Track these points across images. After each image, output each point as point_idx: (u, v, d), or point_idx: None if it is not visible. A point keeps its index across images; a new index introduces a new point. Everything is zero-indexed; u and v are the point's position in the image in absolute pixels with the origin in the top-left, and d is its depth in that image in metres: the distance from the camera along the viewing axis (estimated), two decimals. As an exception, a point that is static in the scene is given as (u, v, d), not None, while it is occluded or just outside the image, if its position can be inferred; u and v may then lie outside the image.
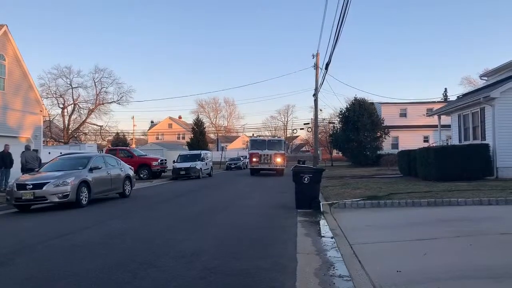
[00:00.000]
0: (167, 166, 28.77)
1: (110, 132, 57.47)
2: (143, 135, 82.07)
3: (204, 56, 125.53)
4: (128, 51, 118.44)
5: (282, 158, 27.84)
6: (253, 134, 33.07)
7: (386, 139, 38.43)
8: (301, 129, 66.72)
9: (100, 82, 53.30)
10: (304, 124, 59.87)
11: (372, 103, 39.97)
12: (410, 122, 40.13)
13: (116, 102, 54.50)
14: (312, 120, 45.20)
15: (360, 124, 36.30)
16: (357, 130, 36.46)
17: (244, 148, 58.49)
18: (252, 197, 14.27)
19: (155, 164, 26.40)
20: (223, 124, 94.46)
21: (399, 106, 41.74)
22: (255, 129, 77.26)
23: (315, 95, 33.75)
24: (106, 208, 12.08)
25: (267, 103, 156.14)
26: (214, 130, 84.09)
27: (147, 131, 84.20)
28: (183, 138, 74.49)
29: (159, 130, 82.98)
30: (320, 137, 47.82)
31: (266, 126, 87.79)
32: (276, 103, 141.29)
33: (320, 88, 33.21)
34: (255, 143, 28.71)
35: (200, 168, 27.19)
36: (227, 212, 10.42)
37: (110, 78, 53.93)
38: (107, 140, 58.95)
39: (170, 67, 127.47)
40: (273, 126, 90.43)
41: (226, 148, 72.68)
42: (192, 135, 53.55)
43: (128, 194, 14.85)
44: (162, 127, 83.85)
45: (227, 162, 45.81)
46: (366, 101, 39.04)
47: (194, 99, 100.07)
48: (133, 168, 16.90)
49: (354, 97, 39.39)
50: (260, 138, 30.88)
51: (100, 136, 57.30)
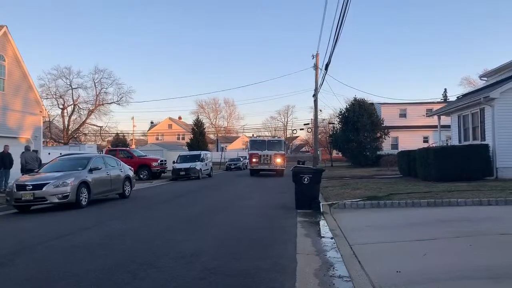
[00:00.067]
0: (167, 166, 28.76)
1: (110, 133, 57.53)
2: (143, 135, 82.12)
3: (204, 56, 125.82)
4: (128, 51, 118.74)
5: (282, 158, 27.62)
6: (253, 135, 32.89)
7: (386, 139, 38.44)
8: (301, 129, 66.82)
9: (100, 83, 53.33)
10: (304, 124, 59.91)
11: (372, 104, 39.98)
12: (410, 123, 40.16)
13: (116, 103, 54.54)
14: (312, 120, 45.26)
15: (360, 125, 36.32)
16: (356, 130, 36.46)
17: (244, 148, 58.46)
18: (252, 197, 14.27)
19: (155, 164, 26.40)
20: (223, 125, 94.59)
21: (399, 107, 41.78)
22: (255, 129, 77.48)
23: (315, 96, 33.76)
24: (106, 208, 12.08)
25: (267, 104, 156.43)
26: (214, 130, 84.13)
27: (147, 131, 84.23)
28: (183, 139, 74.48)
29: (159, 130, 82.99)
30: (320, 137, 47.83)
31: (266, 127, 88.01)
32: (276, 103, 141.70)
33: (320, 88, 33.24)
34: (255, 144, 28.40)
35: (200, 168, 27.20)
36: (227, 213, 10.42)
37: (110, 79, 53.95)
38: (107, 140, 58.95)
39: (170, 67, 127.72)
40: (273, 126, 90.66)
41: (226, 148, 72.68)
42: (192, 136, 53.58)
43: (128, 194, 14.85)
44: (162, 128, 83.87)
45: (227, 162, 45.81)
46: (366, 101, 39.06)
47: (194, 100, 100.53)
48: (133, 169, 16.90)
49: (354, 97, 39.44)
50: (259, 138, 30.51)
51: (100, 136, 57.32)
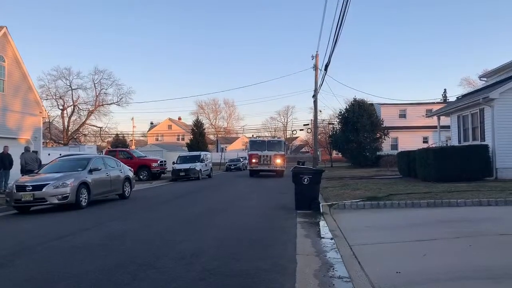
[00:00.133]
0: (166, 167, 28.75)
1: (109, 134, 57.47)
2: (142, 136, 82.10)
3: (203, 57, 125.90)
4: (128, 52, 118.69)
5: (282, 159, 27.49)
6: (252, 135, 32.78)
7: (385, 140, 38.43)
8: (300, 130, 66.67)
9: (99, 84, 53.35)
10: (304, 125, 59.79)
11: (372, 104, 39.97)
12: (410, 123, 40.16)
13: (115, 104, 54.57)
14: (312, 121, 45.24)
15: (360, 125, 36.31)
16: (356, 131, 36.46)
17: (243, 149, 58.54)
18: (252, 198, 14.27)
19: (154, 165, 26.40)
20: (223, 125, 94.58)
21: (399, 107, 41.76)
22: (255, 130, 77.49)
23: (315, 96, 33.74)
24: (105, 209, 12.08)
25: (267, 104, 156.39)
26: (213, 131, 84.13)
27: (147, 132, 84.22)
28: (183, 139, 74.48)
29: (158, 131, 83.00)
30: (319, 138, 47.82)
31: (265, 127, 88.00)
32: (275, 104, 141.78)
33: (320, 89, 33.24)
34: (255, 144, 28.23)
35: (200, 169, 27.18)
36: (227, 213, 10.42)
37: (109, 80, 53.99)
38: (106, 141, 58.88)
39: (169, 68, 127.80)
40: (272, 127, 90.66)
41: (225, 149, 72.64)
42: (191, 136, 53.54)
43: (128, 195, 14.85)
44: (161, 128, 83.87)
45: (226, 163, 45.80)
46: (366, 102, 39.03)
47: (194, 100, 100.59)
48: (132, 170, 16.89)
49: (354, 98, 39.37)
50: (259, 139, 30.20)
51: (99, 137, 57.29)
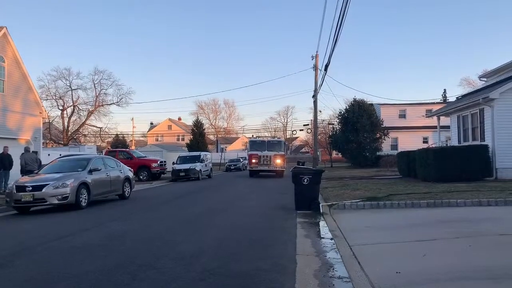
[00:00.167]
0: (166, 167, 28.75)
1: (109, 134, 57.47)
2: (142, 136, 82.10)
3: (203, 57, 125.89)
4: (128, 52, 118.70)
5: (282, 159, 27.37)
6: (252, 135, 32.72)
7: (385, 140, 38.43)
8: (300, 130, 66.67)
9: (99, 84, 53.38)
10: (304, 125, 59.82)
11: (371, 104, 39.97)
12: (410, 123, 40.17)
13: (115, 104, 54.60)
14: (312, 121, 45.25)
15: (360, 125, 36.31)
16: (356, 131, 36.46)
17: (243, 149, 58.53)
18: (252, 198, 14.27)
19: (154, 165, 26.39)
20: (223, 126, 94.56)
21: (398, 107, 41.77)
22: (255, 130, 77.42)
23: (314, 97, 33.75)
24: (105, 210, 12.08)
25: (267, 105, 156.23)
26: (213, 131, 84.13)
27: (147, 132, 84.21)
28: (183, 140, 74.50)
29: (158, 131, 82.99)
30: (319, 138, 47.82)
31: (265, 128, 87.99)
32: (275, 104, 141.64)
33: (320, 89, 33.25)
34: (255, 144, 28.09)
35: (200, 169, 27.17)
36: (227, 214, 10.42)
37: (109, 80, 54.03)
38: (106, 141, 58.89)
39: (169, 68, 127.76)
40: (272, 127, 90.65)
41: (225, 149, 72.63)
42: (191, 137, 53.54)
43: (128, 195, 14.85)
44: (161, 129, 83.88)
45: (226, 163, 45.80)
46: (365, 102, 39.02)
47: (194, 101, 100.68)
48: (132, 170, 16.89)
49: (353, 98, 39.34)
50: (259, 139, 29.95)
51: (99, 137, 57.29)
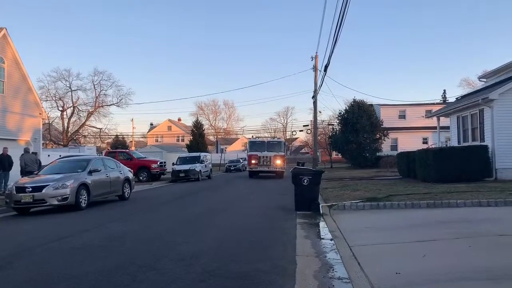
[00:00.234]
0: (166, 168, 28.73)
1: (109, 135, 57.49)
2: (142, 137, 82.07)
3: (203, 58, 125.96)
4: (128, 53, 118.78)
5: (282, 160, 27.25)
6: (252, 136, 32.66)
7: (385, 140, 38.42)
8: (300, 131, 66.58)
9: (99, 85, 53.40)
10: (304, 126, 59.89)
11: (371, 105, 39.97)
12: (409, 124, 40.16)
13: (115, 105, 54.62)
14: (312, 122, 45.27)
15: (359, 126, 36.31)
16: (356, 132, 36.46)
17: (243, 150, 58.53)
18: (252, 199, 14.27)
19: (154, 166, 26.39)
20: (223, 126, 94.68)
21: (398, 108, 41.75)
22: (255, 131, 77.27)
23: (314, 97, 33.78)
24: (105, 210, 12.07)
25: (267, 105, 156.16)
26: (213, 132, 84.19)
27: (147, 133, 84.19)
28: (183, 141, 74.49)
29: (158, 132, 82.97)
30: (319, 139, 47.84)
31: (265, 128, 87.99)
32: (275, 105, 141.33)
33: (319, 90, 33.29)
34: (254, 145, 27.97)
35: (200, 170, 27.17)
36: (227, 214, 10.42)
37: (109, 81, 54.06)
38: (106, 142, 58.86)
39: (169, 69, 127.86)
40: (272, 128, 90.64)
41: (225, 150, 72.62)
42: (191, 137, 53.55)
43: (128, 196, 14.85)
44: (161, 130, 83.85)
45: (226, 164, 45.81)
46: (365, 102, 39.01)
47: (194, 101, 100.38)
48: (132, 171, 16.90)
49: (353, 99, 39.31)
50: (259, 139, 29.82)
51: (99, 138, 57.29)
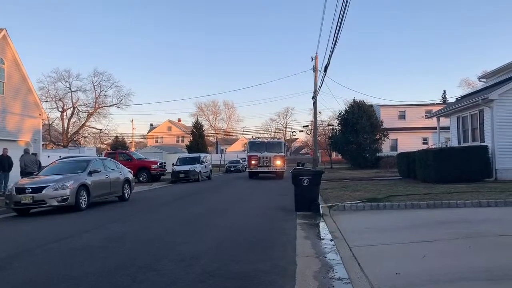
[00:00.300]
0: (166, 169, 28.74)
1: (109, 136, 57.55)
2: (142, 138, 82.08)
3: (203, 58, 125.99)
4: (128, 54, 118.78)
5: (282, 160, 27.13)
6: (252, 137, 32.62)
7: (385, 141, 38.45)
8: (300, 131, 66.58)
9: (99, 86, 53.44)
10: (304, 126, 59.92)
11: (371, 105, 40.00)
12: (409, 124, 40.19)
13: (115, 106, 54.66)
14: (311, 122, 45.27)
15: (359, 127, 36.33)
16: (356, 132, 36.47)
17: (243, 150, 58.52)
18: (252, 199, 14.27)
19: (154, 167, 26.39)
20: (223, 127, 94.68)
21: (398, 108, 41.79)
22: (255, 131, 77.23)
23: (314, 98, 33.79)
24: (105, 211, 12.07)
25: (267, 106, 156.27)
26: (213, 133, 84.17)
27: (147, 134, 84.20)
28: (183, 141, 74.48)
29: (158, 133, 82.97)
30: (319, 139, 47.85)
31: (265, 129, 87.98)
32: (275, 105, 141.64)
33: (319, 90, 33.31)
34: (254, 145, 27.82)
35: (200, 171, 27.15)
36: (227, 215, 10.42)
37: (109, 82, 54.10)
38: (106, 143, 58.90)
39: (169, 70, 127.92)
40: (272, 128, 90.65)
41: (225, 150, 72.61)
42: (191, 138, 53.58)
43: (127, 197, 14.84)
44: (161, 130, 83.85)
45: (226, 164, 45.81)
46: (365, 103, 39.05)
47: (194, 102, 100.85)
48: (132, 171, 16.90)
49: (353, 99, 39.35)
50: (259, 140, 29.61)
51: (99, 139, 57.29)
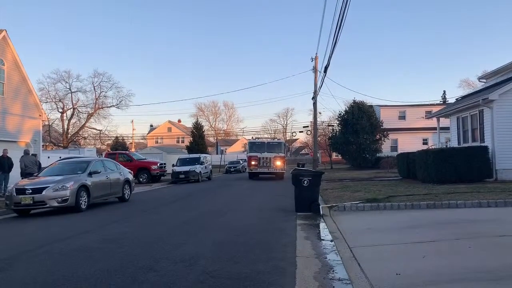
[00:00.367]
0: (166, 169, 28.75)
1: (109, 136, 57.55)
2: (142, 139, 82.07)
3: (203, 59, 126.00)
4: (128, 55, 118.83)
5: (282, 161, 27.02)
6: (252, 137, 32.58)
7: (385, 141, 38.43)
8: (300, 132, 66.56)
9: (99, 86, 53.39)
10: (304, 127, 59.88)
11: (371, 106, 39.97)
12: (409, 125, 40.17)
13: (115, 106, 54.57)
14: (311, 123, 45.27)
15: (359, 127, 36.31)
16: (356, 132, 36.45)
17: (243, 151, 58.49)
18: (252, 200, 14.27)
19: (154, 168, 26.41)
20: (223, 128, 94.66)
21: (398, 109, 41.76)
22: (255, 132, 77.21)
23: (314, 98, 33.81)
24: (105, 212, 12.07)
25: (266, 106, 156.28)
26: (213, 133, 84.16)
27: (147, 135, 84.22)
28: (183, 142, 74.52)
29: (158, 134, 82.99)
30: (319, 140, 47.85)
31: (265, 129, 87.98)
32: (275, 106, 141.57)
33: (319, 91, 33.33)
34: (254, 146, 27.68)
35: (200, 171, 27.15)
36: (227, 216, 10.41)
37: (109, 82, 54.02)
38: (106, 144, 58.88)
39: (169, 70, 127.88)
40: (272, 129, 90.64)
41: (225, 151, 72.58)
42: (191, 139, 53.52)
43: (128, 198, 14.85)
44: (161, 131, 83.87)
45: (226, 165, 45.81)
46: (365, 103, 39.02)
47: (194, 103, 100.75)
48: (132, 172, 16.90)
49: (353, 100, 39.32)
50: (259, 140, 29.43)
51: (99, 140, 57.27)
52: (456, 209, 9.33)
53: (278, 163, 26.84)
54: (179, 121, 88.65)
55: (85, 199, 12.11)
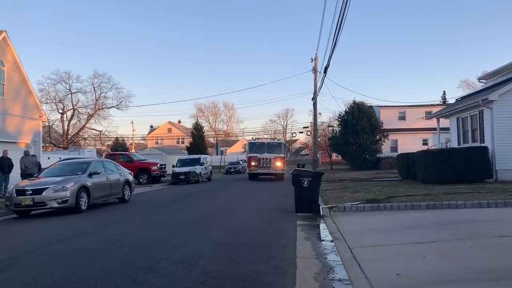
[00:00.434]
0: (166, 170, 28.75)
1: (109, 137, 57.58)
2: (142, 139, 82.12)
3: (203, 60, 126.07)
4: (128, 56, 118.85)
5: (282, 162, 26.96)
6: (252, 138, 32.56)
7: (385, 142, 38.41)
8: (300, 132, 66.51)
9: (99, 87, 53.47)
10: (304, 127, 59.81)
11: (371, 107, 39.97)
12: (409, 125, 40.18)
13: (115, 107, 54.67)
14: (311, 123, 45.27)
15: (359, 128, 36.31)
16: (356, 133, 36.45)
17: (243, 152, 58.50)
18: (252, 201, 14.27)
19: (154, 168, 26.41)
20: (223, 128, 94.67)
21: (398, 109, 41.76)
22: (255, 133, 77.40)
23: (314, 99, 33.81)
24: (105, 213, 12.07)
25: (266, 107, 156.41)
26: (213, 134, 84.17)
27: (147, 135, 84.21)
28: (183, 143, 74.47)
29: (158, 134, 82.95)
30: (319, 140, 47.85)
31: (265, 130, 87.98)
32: (275, 106, 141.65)
33: (319, 91, 33.34)
34: (254, 146, 27.67)
35: (200, 172, 27.14)
36: (227, 216, 10.41)
37: (109, 83, 54.12)
38: (106, 145, 58.91)
39: (169, 71, 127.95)
40: (272, 129, 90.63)
41: (225, 152, 72.51)
42: (191, 140, 53.52)
43: (128, 199, 14.85)
44: (161, 132, 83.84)
45: (226, 166, 45.81)
46: (365, 104, 39.02)
47: (193, 103, 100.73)
48: (132, 173, 16.90)
49: (353, 100, 39.31)
50: (259, 141, 29.55)
51: (99, 141, 57.33)
52: (456, 209, 9.33)
53: (278, 163, 26.78)
54: (179, 122, 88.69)
55: (85, 200, 12.12)
